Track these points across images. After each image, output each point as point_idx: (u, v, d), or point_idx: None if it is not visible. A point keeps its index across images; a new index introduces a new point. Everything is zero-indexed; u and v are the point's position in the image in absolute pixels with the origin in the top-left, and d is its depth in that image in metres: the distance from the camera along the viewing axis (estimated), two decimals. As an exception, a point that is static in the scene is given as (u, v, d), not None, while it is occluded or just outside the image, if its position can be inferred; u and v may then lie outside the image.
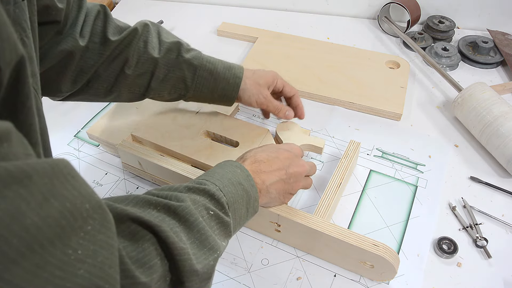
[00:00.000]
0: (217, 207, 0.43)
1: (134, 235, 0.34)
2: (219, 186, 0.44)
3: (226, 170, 0.48)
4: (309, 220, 0.54)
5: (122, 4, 1.15)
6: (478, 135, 0.72)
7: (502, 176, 0.69)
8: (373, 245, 0.51)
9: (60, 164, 0.26)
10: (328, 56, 0.91)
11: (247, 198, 0.47)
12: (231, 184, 0.46)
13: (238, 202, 0.46)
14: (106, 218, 0.28)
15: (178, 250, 0.35)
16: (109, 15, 0.57)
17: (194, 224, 0.39)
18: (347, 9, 1.07)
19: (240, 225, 0.47)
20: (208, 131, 0.70)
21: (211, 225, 0.41)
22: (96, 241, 0.26)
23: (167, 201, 0.39)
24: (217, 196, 0.43)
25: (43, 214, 0.23)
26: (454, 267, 0.58)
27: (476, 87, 0.74)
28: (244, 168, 0.49)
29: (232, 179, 0.46)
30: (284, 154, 0.54)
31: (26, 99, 0.31)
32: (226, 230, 0.43)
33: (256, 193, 0.48)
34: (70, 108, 0.84)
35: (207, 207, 0.41)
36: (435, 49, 0.92)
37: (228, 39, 1.02)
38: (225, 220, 0.43)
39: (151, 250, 0.34)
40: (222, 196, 0.44)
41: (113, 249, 0.28)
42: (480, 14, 0.99)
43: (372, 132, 0.77)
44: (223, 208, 0.43)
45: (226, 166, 0.49)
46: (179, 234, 0.37)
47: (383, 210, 0.65)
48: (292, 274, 0.58)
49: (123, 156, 0.67)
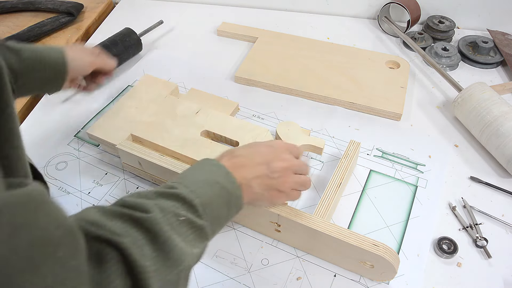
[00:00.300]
0: (189, 210, 0.41)
1: (96, 255, 0.33)
2: (191, 188, 0.43)
3: (201, 170, 0.46)
4: (309, 220, 0.54)
5: (122, 4, 1.15)
6: (478, 135, 0.72)
7: (502, 176, 0.69)
8: (373, 245, 0.51)
9: (33, 192, 0.27)
10: (328, 56, 0.91)
11: (227, 196, 0.45)
12: (206, 184, 0.44)
13: (216, 202, 0.44)
14: (77, 243, 0.28)
15: (139, 268, 0.34)
16: None
17: (159, 235, 0.37)
18: (347, 9, 1.07)
19: (221, 225, 0.46)
20: (208, 131, 0.70)
21: (182, 231, 0.39)
22: (67, 268, 0.26)
23: (132, 212, 0.38)
24: (188, 199, 0.41)
25: (12, 245, 0.23)
26: (454, 267, 0.58)
27: (476, 87, 0.74)
28: (221, 165, 0.47)
29: (207, 178, 0.45)
30: (265, 149, 0.52)
31: (6, 106, 0.31)
32: (200, 234, 0.42)
33: (237, 190, 0.46)
34: (70, 108, 0.84)
35: (176, 213, 0.40)
36: (435, 49, 0.92)
37: (228, 39, 1.02)
38: (199, 224, 0.41)
39: (113, 270, 0.33)
40: (194, 198, 0.42)
41: (83, 275, 0.27)
42: (480, 14, 0.99)
43: (372, 132, 0.77)
44: (196, 211, 0.42)
45: (201, 166, 0.47)
46: (143, 248, 0.35)
47: (383, 210, 0.65)
48: (292, 274, 0.58)
49: (123, 156, 0.67)
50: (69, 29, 1.04)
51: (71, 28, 1.04)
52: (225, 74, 0.91)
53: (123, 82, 0.89)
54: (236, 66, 0.93)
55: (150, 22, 1.00)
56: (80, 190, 0.69)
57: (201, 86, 0.85)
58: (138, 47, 0.94)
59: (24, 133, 0.77)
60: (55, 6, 1.06)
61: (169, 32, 1.04)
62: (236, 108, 0.80)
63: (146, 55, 0.96)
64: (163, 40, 1.01)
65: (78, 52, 0.67)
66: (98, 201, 0.67)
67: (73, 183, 0.70)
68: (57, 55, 0.62)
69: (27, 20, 1.06)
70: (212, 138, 0.70)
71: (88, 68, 0.68)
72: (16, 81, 0.58)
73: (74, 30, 1.04)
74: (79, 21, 1.07)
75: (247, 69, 0.89)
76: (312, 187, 0.68)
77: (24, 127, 0.80)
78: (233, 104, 0.79)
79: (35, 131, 0.79)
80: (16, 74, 0.57)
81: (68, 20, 1.04)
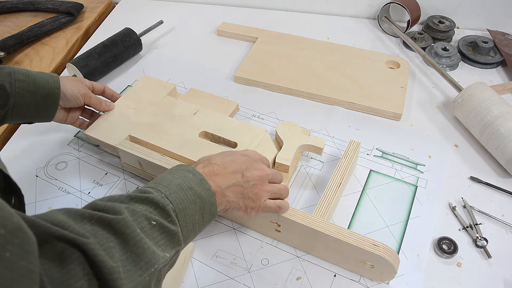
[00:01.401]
0: (162, 216, 0.41)
1: (59, 255, 0.32)
2: (165, 193, 0.43)
3: (175, 175, 0.46)
4: (309, 220, 0.54)
5: (122, 4, 1.15)
6: (478, 135, 0.72)
7: (502, 176, 0.69)
8: (373, 245, 0.51)
9: None
10: (328, 56, 0.91)
11: (200, 203, 0.45)
12: (180, 190, 0.44)
13: (190, 208, 0.44)
14: (27, 241, 0.27)
15: (107, 269, 0.33)
16: None
17: (130, 237, 0.37)
18: (347, 9, 1.07)
19: (195, 231, 0.45)
20: (206, 132, 0.70)
21: (154, 236, 0.39)
22: (16, 268, 0.25)
23: (101, 214, 0.37)
24: (161, 204, 0.41)
25: None
26: (454, 267, 0.58)
27: (476, 87, 0.74)
28: (196, 172, 0.47)
29: (181, 184, 0.44)
30: (240, 158, 0.52)
31: None
32: (173, 239, 0.41)
33: (211, 197, 0.46)
34: (70, 108, 0.84)
35: (148, 217, 0.40)
36: (435, 49, 0.91)
37: (228, 39, 1.02)
38: (171, 229, 0.41)
39: (78, 271, 0.32)
40: (168, 203, 0.42)
41: (33, 276, 0.26)
42: (480, 14, 0.99)
43: (372, 132, 0.77)
44: (169, 216, 0.41)
45: (176, 172, 0.47)
46: (111, 250, 0.35)
47: (383, 210, 0.65)
48: (292, 274, 0.58)
49: (123, 156, 0.67)
50: (69, 29, 1.04)
51: (71, 28, 1.04)
52: (225, 74, 0.91)
53: (123, 82, 0.89)
54: (236, 66, 0.93)
55: (150, 22, 1.00)
56: (80, 190, 0.69)
57: (201, 86, 0.85)
58: (138, 47, 0.94)
59: (24, 133, 0.78)
60: (55, 6, 1.06)
61: (169, 32, 1.04)
62: (236, 108, 0.80)
63: (146, 55, 0.96)
64: (163, 40, 1.01)
65: (72, 81, 0.66)
66: (98, 201, 0.67)
67: (73, 183, 0.70)
68: (51, 79, 0.61)
69: (27, 20, 1.06)
70: (210, 139, 0.70)
71: (80, 99, 0.66)
72: (6, 104, 0.57)
73: (74, 30, 1.04)
74: (79, 21, 1.07)
75: (247, 69, 0.89)
76: (312, 187, 0.68)
77: (24, 127, 0.80)
78: (233, 104, 0.79)
79: (35, 131, 0.79)
80: (7, 96, 0.57)
81: (68, 20, 1.04)
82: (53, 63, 0.94)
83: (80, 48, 1.01)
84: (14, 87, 0.57)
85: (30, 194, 0.68)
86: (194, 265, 0.59)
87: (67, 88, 0.64)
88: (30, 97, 0.59)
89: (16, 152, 0.75)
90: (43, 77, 0.61)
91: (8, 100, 0.57)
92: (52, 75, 0.62)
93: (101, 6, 1.12)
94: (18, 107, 0.59)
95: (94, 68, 0.85)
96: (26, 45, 0.98)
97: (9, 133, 0.79)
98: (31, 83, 0.59)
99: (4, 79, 0.57)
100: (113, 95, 0.74)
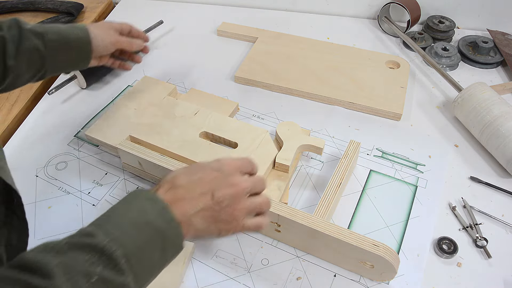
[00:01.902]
0: (107, 266, 0.35)
1: None
2: (114, 234, 0.37)
3: (130, 207, 0.40)
4: (309, 220, 0.54)
5: (122, 4, 1.15)
6: (478, 135, 0.72)
7: (502, 176, 0.69)
8: (373, 245, 0.51)
9: None
10: (328, 56, 0.91)
11: (160, 240, 0.39)
12: (134, 227, 0.38)
13: (146, 249, 0.38)
14: None
15: None
16: None
17: None
18: (347, 9, 1.07)
19: (153, 273, 0.40)
20: (206, 132, 0.70)
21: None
22: None
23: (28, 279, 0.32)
24: (108, 251, 0.35)
25: None
26: (454, 267, 0.58)
27: (476, 87, 0.74)
28: (157, 200, 0.41)
29: (136, 219, 0.39)
30: (209, 174, 0.45)
31: None
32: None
33: (176, 229, 0.40)
34: (70, 108, 0.84)
35: (88, 272, 0.34)
36: (435, 49, 0.91)
37: (228, 39, 1.02)
38: (118, 281, 0.35)
39: None
40: (115, 250, 0.36)
41: None
42: (480, 14, 0.99)
43: (372, 132, 0.77)
44: (116, 265, 0.35)
45: (133, 200, 0.41)
46: None
47: (383, 210, 0.65)
48: (292, 274, 0.58)
49: (123, 156, 0.67)
50: (69, 29, 1.04)
51: (71, 28, 1.04)
52: (225, 74, 0.91)
53: (123, 82, 0.89)
54: (236, 66, 0.93)
55: (150, 22, 1.00)
56: (80, 190, 0.69)
57: (201, 86, 0.85)
58: (138, 47, 0.94)
59: (24, 133, 0.78)
60: (55, 6, 1.06)
61: (169, 32, 1.04)
62: (236, 108, 0.80)
63: (146, 55, 0.96)
64: (163, 40, 1.01)
65: (101, 30, 0.67)
66: (98, 201, 0.67)
67: (73, 183, 0.70)
68: (81, 34, 0.64)
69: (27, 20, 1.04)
70: (211, 140, 0.70)
71: (111, 47, 0.68)
72: (44, 64, 0.61)
73: (74, 30, 1.04)
74: (79, 21, 1.06)
75: (247, 69, 0.89)
76: (312, 187, 0.68)
77: (24, 127, 0.80)
78: (233, 104, 0.79)
79: (35, 131, 0.79)
80: (43, 57, 0.60)
81: (68, 20, 1.04)
82: (53, 63, 0.94)
83: (80, 48, 1.01)
84: (48, 48, 0.61)
85: (30, 194, 0.68)
86: (194, 265, 0.59)
87: (98, 39, 0.66)
88: (63, 55, 0.63)
89: (16, 152, 0.75)
90: (74, 32, 0.63)
91: (45, 61, 0.61)
92: (82, 28, 0.65)
93: (101, 6, 1.12)
94: (53, 65, 0.63)
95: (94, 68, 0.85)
96: (26, 45, 0.98)
97: (9, 133, 0.79)
98: (63, 41, 0.62)
99: (38, 41, 0.60)
100: (139, 35, 0.75)
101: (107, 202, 0.67)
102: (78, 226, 0.62)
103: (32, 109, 0.84)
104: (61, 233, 0.62)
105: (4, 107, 0.83)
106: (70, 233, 0.37)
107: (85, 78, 0.85)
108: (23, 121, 0.81)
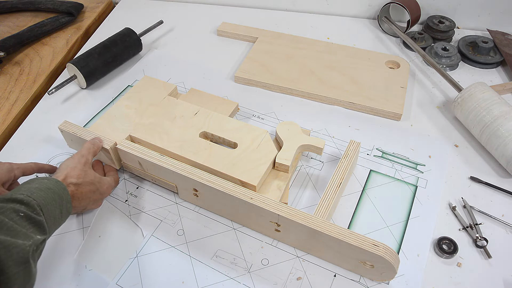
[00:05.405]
0: (28, 209, 0.46)
1: None
2: (27, 193, 0.48)
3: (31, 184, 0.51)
4: (309, 220, 0.54)
5: (122, 4, 1.15)
6: (478, 135, 0.72)
7: (502, 176, 0.69)
8: (373, 245, 0.51)
9: None
10: (328, 56, 0.91)
11: (59, 201, 0.51)
12: (39, 190, 0.49)
13: (51, 204, 0.49)
14: None
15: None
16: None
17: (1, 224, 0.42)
18: (347, 9, 1.07)
19: (56, 225, 0.51)
20: (206, 132, 0.70)
21: (23, 224, 0.44)
22: None
23: None
24: (26, 201, 0.46)
25: None
26: (454, 267, 0.58)
27: (476, 87, 0.74)
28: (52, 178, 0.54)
29: (39, 186, 0.50)
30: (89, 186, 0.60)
31: None
32: (40, 228, 0.46)
33: (68, 196, 0.53)
34: (70, 108, 0.84)
35: (16, 209, 0.45)
36: (435, 49, 0.92)
37: (228, 39, 1.02)
38: (38, 219, 0.46)
39: None
40: (31, 200, 0.47)
41: None
42: (480, 14, 0.99)
43: (372, 132, 0.77)
44: (34, 210, 0.47)
45: (31, 181, 0.52)
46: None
47: (383, 210, 0.65)
48: (292, 274, 0.58)
49: (123, 156, 0.67)
50: (69, 29, 1.04)
51: (71, 28, 1.04)
52: (225, 74, 0.91)
53: (123, 82, 0.89)
54: (236, 66, 0.93)
55: (150, 22, 1.00)
56: (80, 190, 0.69)
57: (201, 86, 0.85)
58: (138, 47, 0.94)
59: (24, 133, 0.78)
60: (55, 6, 1.06)
61: (169, 32, 1.04)
62: (236, 108, 0.80)
63: (146, 55, 0.96)
64: (163, 40, 1.01)
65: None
66: (98, 201, 0.67)
67: (73, 183, 0.70)
68: None
69: (27, 20, 1.06)
70: (211, 140, 0.70)
71: None
72: None
73: (74, 30, 1.04)
74: (79, 21, 1.07)
75: (247, 69, 0.89)
76: (312, 187, 0.68)
77: (24, 127, 0.80)
78: (233, 104, 0.79)
79: (35, 131, 0.79)
80: None
81: (68, 20, 1.04)
82: (53, 63, 0.94)
83: (80, 48, 1.01)
84: None
85: (30, 194, 0.68)
86: (194, 265, 0.59)
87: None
88: None
89: (16, 152, 0.75)
90: None
91: None
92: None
93: (101, 6, 1.12)
94: None
95: (94, 68, 0.86)
96: (26, 45, 0.98)
97: (9, 133, 0.79)
98: None
99: None
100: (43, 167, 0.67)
101: (106, 202, 0.67)
102: (78, 227, 0.63)
103: (32, 109, 0.84)
104: (61, 233, 0.62)
105: (4, 107, 0.83)
106: (70, 232, 0.39)
107: (85, 78, 0.85)
108: (23, 121, 0.82)
